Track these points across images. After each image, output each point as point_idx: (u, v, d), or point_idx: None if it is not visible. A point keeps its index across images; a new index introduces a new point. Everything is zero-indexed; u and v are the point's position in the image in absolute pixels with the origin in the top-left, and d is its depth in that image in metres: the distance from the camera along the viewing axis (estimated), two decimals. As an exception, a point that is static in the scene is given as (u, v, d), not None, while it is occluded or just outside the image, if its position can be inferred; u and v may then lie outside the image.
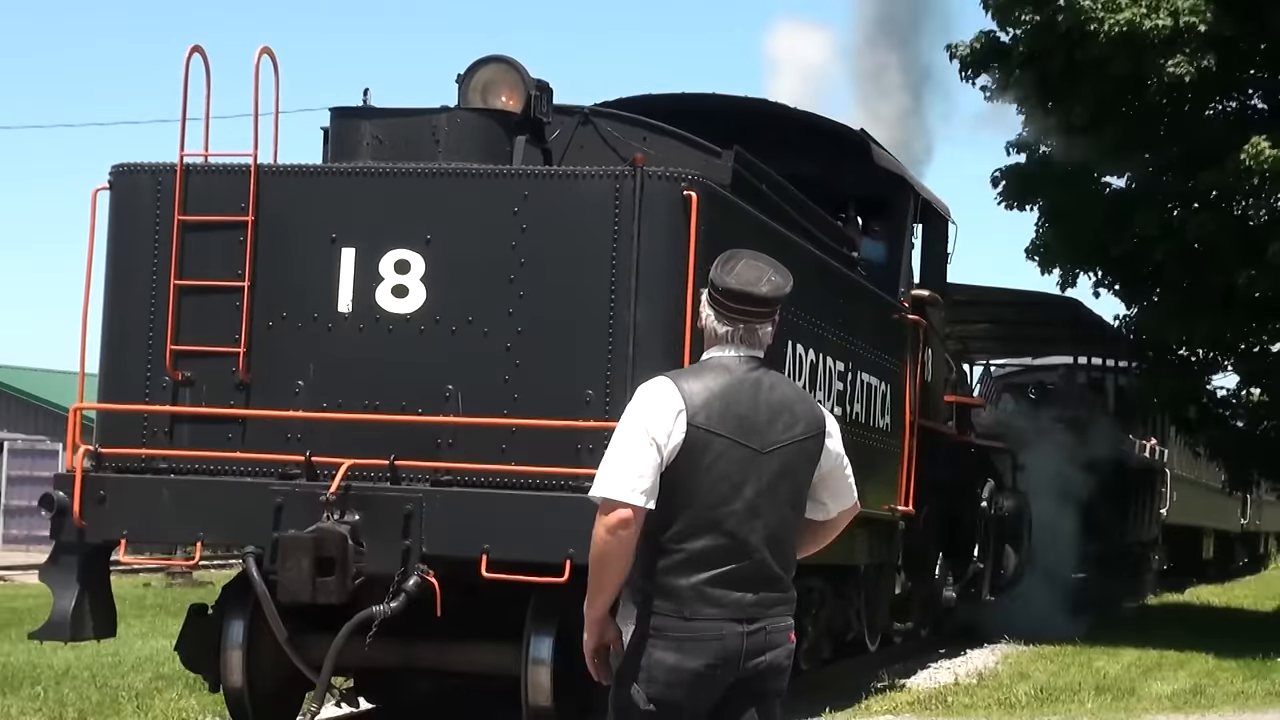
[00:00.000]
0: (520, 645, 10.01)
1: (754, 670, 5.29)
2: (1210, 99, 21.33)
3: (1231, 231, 20.18)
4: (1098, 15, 18.87)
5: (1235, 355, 23.11)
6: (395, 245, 10.13)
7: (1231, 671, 17.23)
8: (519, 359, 9.98)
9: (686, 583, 5.25)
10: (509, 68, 11.33)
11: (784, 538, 5.34)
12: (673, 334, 9.81)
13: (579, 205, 10.04)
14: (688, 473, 5.22)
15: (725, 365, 5.36)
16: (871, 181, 15.99)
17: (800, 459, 5.37)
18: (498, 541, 9.67)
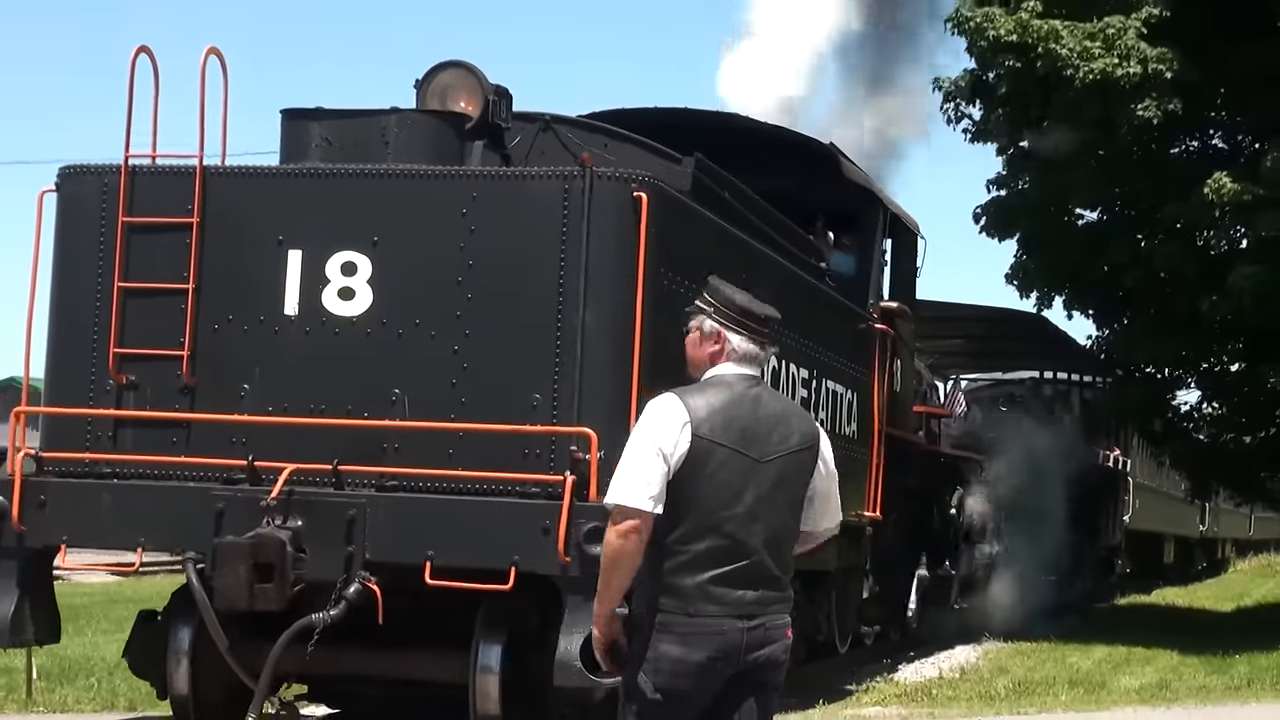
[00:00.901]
0: (469, 653, 9.16)
1: (753, 664, 5.37)
2: (1176, 139, 21.73)
3: (1195, 260, 20.53)
4: (1074, 63, 19.18)
5: (1198, 374, 23.52)
6: (342, 247, 9.30)
7: (1194, 667, 17.24)
8: (466, 362, 9.14)
9: (691, 582, 5.30)
10: (467, 72, 10.51)
11: (783, 540, 5.44)
12: (622, 338, 8.98)
13: (528, 206, 9.21)
14: (692, 480, 5.29)
15: (727, 382, 5.49)
16: (841, 195, 15.16)
17: (795, 469, 5.47)
18: (442, 548, 8.82)
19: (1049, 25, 19.47)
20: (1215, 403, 24.25)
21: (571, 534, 8.63)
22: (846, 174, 14.98)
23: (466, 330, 9.14)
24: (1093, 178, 21.33)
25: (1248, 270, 19.36)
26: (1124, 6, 19.75)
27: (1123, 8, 19.75)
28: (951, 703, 13.85)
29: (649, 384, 9.18)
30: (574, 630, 8.70)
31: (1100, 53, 19.20)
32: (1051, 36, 19.37)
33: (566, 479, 8.70)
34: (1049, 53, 19.28)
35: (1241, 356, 22.58)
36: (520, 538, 8.72)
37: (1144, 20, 19.42)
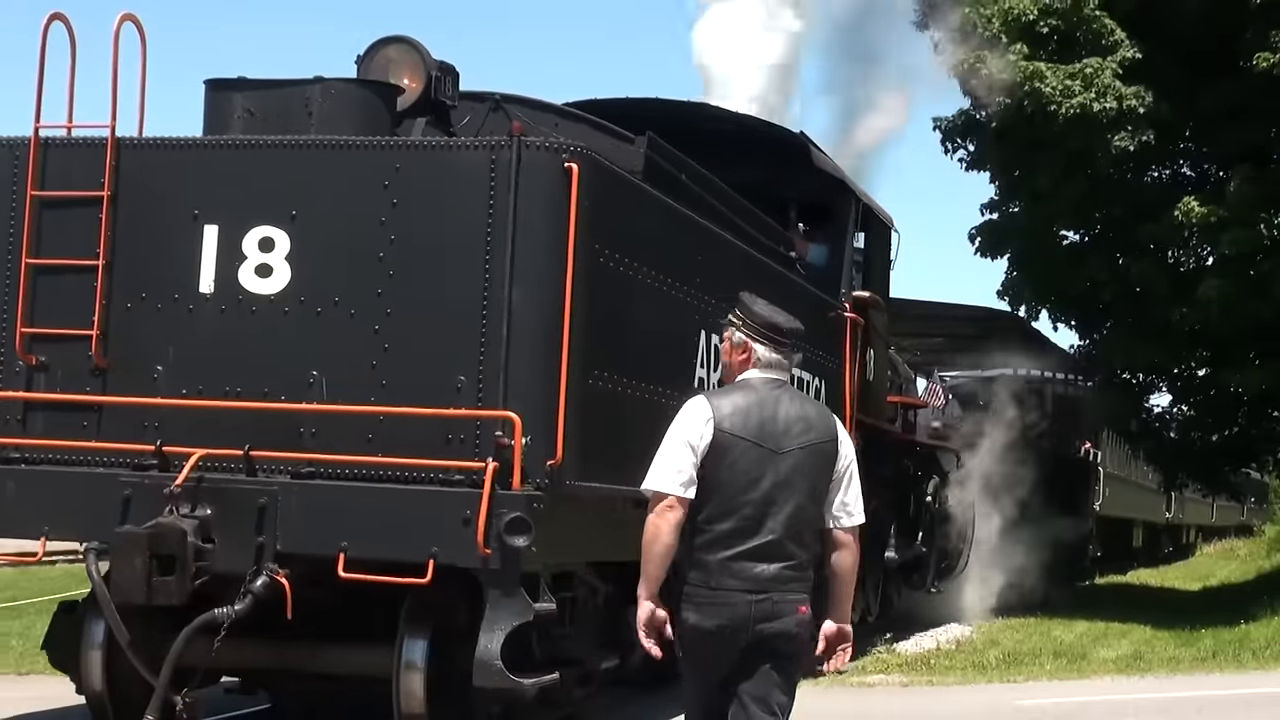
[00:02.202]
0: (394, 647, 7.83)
1: (764, 634, 5.36)
2: (1149, 167, 22.02)
3: (1167, 276, 20.89)
4: (1057, 100, 19.46)
5: (1169, 378, 23.82)
6: (259, 222, 7.95)
7: (1165, 640, 17.35)
8: (387, 343, 7.79)
9: (714, 558, 5.39)
10: (409, 48, 9.18)
11: (799, 523, 5.44)
12: (552, 316, 7.64)
13: (453, 178, 7.84)
14: (715, 468, 5.40)
15: (752, 385, 5.59)
16: (812, 185, 13.77)
17: (813, 460, 5.51)
18: (357, 539, 7.49)
19: (1034, 66, 19.69)
20: (1184, 405, 24.65)
21: (493, 525, 7.30)
22: (817, 163, 13.59)
23: (388, 309, 7.80)
24: (1075, 203, 21.51)
25: (1214, 283, 19.64)
26: (1101, 49, 20.00)
27: (1100, 50, 19.99)
28: (948, 672, 13.81)
29: (584, 366, 7.86)
30: (495, 627, 7.37)
31: (1080, 90, 19.47)
32: (1036, 76, 19.63)
33: (488, 466, 7.37)
34: (1035, 90, 19.56)
35: (1207, 363, 22.82)
36: (439, 528, 7.39)
37: (1119, 61, 19.74)
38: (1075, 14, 20.00)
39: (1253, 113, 19.93)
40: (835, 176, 14.10)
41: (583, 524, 8.24)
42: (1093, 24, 20.01)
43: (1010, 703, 11.95)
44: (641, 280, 8.63)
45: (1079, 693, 12.63)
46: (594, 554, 8.64)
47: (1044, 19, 20.10)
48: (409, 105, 8.97)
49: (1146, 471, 33.40)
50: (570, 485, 7.74)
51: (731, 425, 5.43)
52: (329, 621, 8.12)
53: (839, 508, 5.54)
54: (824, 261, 14.32)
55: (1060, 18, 20.09)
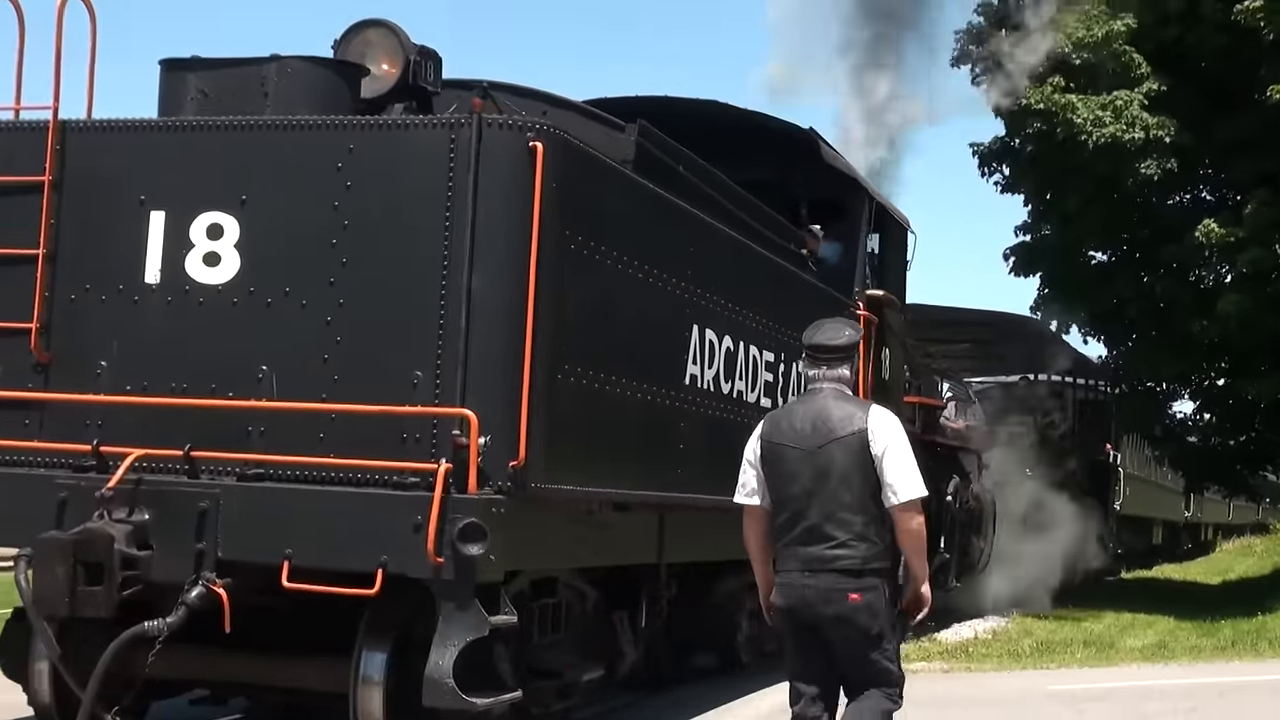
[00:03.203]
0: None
1: (825, 617, 5.63)
2: (1172, 192, 22.04)
3: (1189, 292, 21.00)
4: (1088, 130, 19.62)
5: (1191, 387, 23.91)
6: (207, 208, 6.87)
7: (1188, 630, 17.25)
8: (340, 335, 6.70)
9: (779, 545, 5.83)
10: (387, 31, 8.06)
11: (836, 506, 5.67)
12: (514, 305, 6.52)
13: (410, 158, 6.73)
14: (769, 472, 5.86)
15: (803, 396, 6.03)
16: (825, 183, 12.60)
17: (843, 452, 5.70)
18: (302, 546, 6.40)
19: (1067, 98, 19.91)
20: (1205, 412, 24.72)
21: (445, 531, 6.20)
22: (827, 159, 12.43)
23: (340, 299, 6.70)
24: (1103, 225, 21.66)
25: (1233, 299, 19.74)
26: (1129, 82, 20.16)
27: (1128, 83, 20.15)
28: (985, 659, 13.72)
29: (552, 359, 6.74)
30: (447, 643, 6.27)
31: (1110, 120, 19.66)
32: (1069, 108, 19.84)
33: (440, 468, 6.26)
34: (1068, 120, 19.76)
35: (1226, 373, 22.85)
36: (389, 536, 6.29)
37: (1145, 94, 19.93)
38: (1105, 48, 20.26)
39: (1267, 142, 20.02)
40: (846, 174, 12.93)
41: (554, 529, 7.14)
42: (1121, 58, 20.24)
43: (1043, 688, 11.74)
44: (623, 270, 7.52)
45: (1107, 679, 12.48)
46: (569, 560, 7.54)
47: (1077, 52, 20.36)
48: (386, 91, 7.88)
49: (1165, 472, 33.06)
50: (536, 488, 6.63)
51: (771, 434, 5.89)
52: (288, 630, 7.04)
53: (887, 489, 5.73)
54: (837, 260, 13.16)
55: (1091, 51, 20.31)
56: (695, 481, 8.67)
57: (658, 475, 8.16)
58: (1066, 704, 10.77)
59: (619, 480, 7.61)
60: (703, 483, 8.84)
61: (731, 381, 9.12)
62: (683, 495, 8.52)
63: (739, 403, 9.28)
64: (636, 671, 9.63)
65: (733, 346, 9.12)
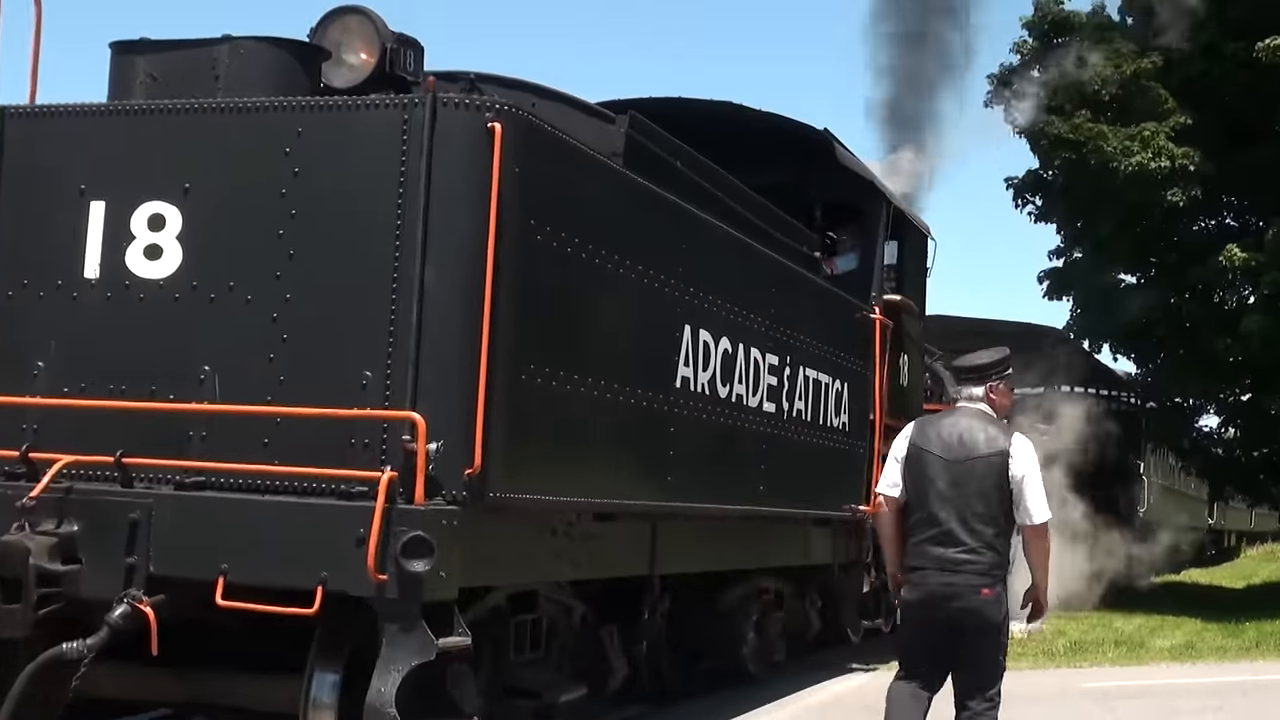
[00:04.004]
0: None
1: (955, 610, 5.88)
2: (1197, 218, 21.90)
3: (1214, 314, 20.92)
4: (1117, 159, 19.51)
5: (1216, 403, 23.75)
6: (149, 197, 5.99)
7: (1214, 632, 17.08)
8: (287, 333, 5.81)
9: (912, 542, 6.07)
10: (363, 19, 7.17)
11: (970, 515, 5.92)
12: (469, 299, 5.61)
13: (361, 142, 5.83)
14: (910, 473, 6.12)
15: (950, 410, 6.36)
16: (838, 183, 11.67)
17: (985, 469, 5.97)
18: (239, 561, 5.49)
19: (1097, 128, 19.90)
20: (1229, 426, 24.61)
21: (388, 546, 5.30)
22: (842, 161, 11.48)
23: (287, 294, 5.81)
24: (1131, 249, 21.63)
25: (1255, 319, 19.66)
26: (1155, 115, 20.00)
27: (1154, 115, 19.99)
28: (1021, 658, 13.25)
29: (515, 358, 5.82)
30: (390, 668, 5.35)
31: (1138, 150, 19.54)
32: (1099, 136, 19.78)
33: (383, 476, 5.36)
34: (1098, 149, 19.70)
35: (1250, 389, 22.65)
36: (330, 550, 5.38)
37: (1171, 126, 19.74)
38: (1133, 84, 20.25)
39: (1287, 173, 20.46)
40: (863, 176, 11.98)
41: (523, 541, 6.23)
42: (1148, 94, 20.19)
43: (1077, 685, 11.65)
44: (602, 266, 6.60)
45: (1138, 677, 12.43)
46: (544, 573, 6.61)
47: (1105, 88, 20.33)
48: (362, 80, 7.01)
49: (1189, 481, 32.17)
50: (497, 498, 5.72)
51: (918, 439, 6.15)
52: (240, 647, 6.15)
53: (1021, 511, 5.98)
54: (854, 264, 12.23)
55: (1120, 86, 20.31)
56: (690, 489, 7.74)
57: (646, 483, 7.22)
58: (1099, 701, 10.62)
59: (599, 489, 6.69)
60: (699, 490, 7.91)
61: (730, 385, 8.18)
62: (675, 504, 7.59)
63: (739, 407, 8.34)
64: (640, 684, 8.74)
65: (731, 349, 8.18)
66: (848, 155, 11.68)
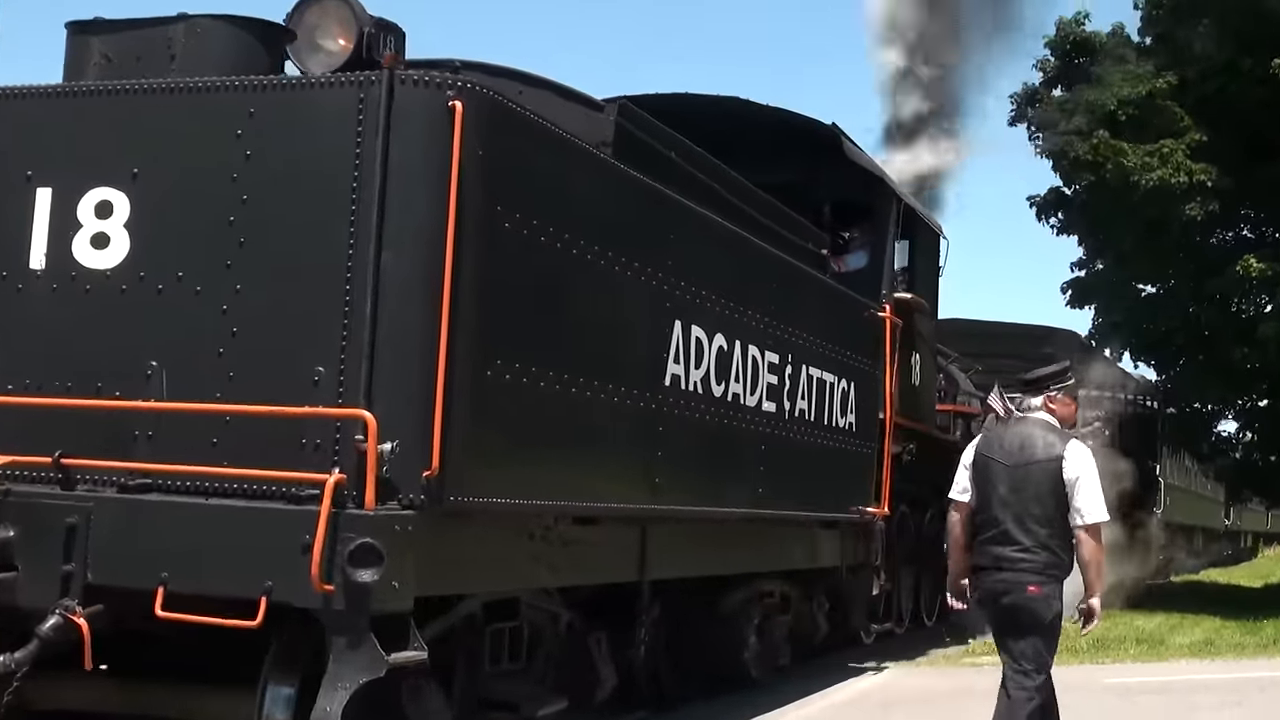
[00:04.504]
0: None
1: (1008, 605, 6.00)
2: (1215, 231, 21.70)
3: (1231, 322, 20.68)
4: (1137, 175, 19.32)
5: (1234, 409, 23.66)
6: (96, 183, 5.46)
7: (1233, 629, 16.87)
8: (237, 326, 5.25)
9: (979, 543, 6.15)
10: (340, 3, 6.61)
11: (1026, 517, 5.99)
12: (427, 290, 5.03)
13: (315, 122, 5.27)
14: (976, 479, 6.23)
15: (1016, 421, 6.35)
16: (846, 179, 11.06)
17: (1041, 474, 6.02)
18: (180, 569, 4.94)
19: (1117, 145, 19.61)
20: (1247, 430, 24.37)
21: (335, 553, 4.73)
22: (850, 156, 10.87)
23: (238, 285, 5.26)
24: (1151, 261, 21.41)
25: (1272, 327, 19.42)
26: (1174, 132, 19.75)
27: (1173, 133, 19.74)
28: None
29: (480, 353, 5.24)
30: (337, 685, 4.77)
31: (1157, 166, 19.30)
32: (1119, 154, 19.52)
33: (329, 479, 4.79)
34: (1118, 165, 19.45)
35: (1267, 395, 22.59)
36: (275, 557, 4.81)
37: (1189, 143, 19.54)
38: (1150, 104, 20.00)
39: (1303, 186, 20.46)
40: (872, 172, 11.36)
41: (493, 546, 5.64)
42: (1164, 113, 19.91)
43: (1100, 681, 11.40)
44: (580, 256, 6.00)
45: (1158, 673, 12.30)
46: (514, 581, 6.01)
47: (1122, 109, 20.05)
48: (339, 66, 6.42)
49: (1205, 482, 31.52)
50: (458, 501, 5.15)
51: (984, 448, 6.30)
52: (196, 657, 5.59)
53: (1073, 512, 6.01)
54: (864, 262, 11.61)
55: (1137, 107, 20.03)
56: (683, 491, 7.14)
57: (633, 485, 6.63)
58: (1121, 695, 10.46)
59: (579, 491, 6.10)
60: (693, 492, 7.31)
61: (725, 384, 7.57)
62: (666, 507, 7.00)
63: (735, 406, 7.73)
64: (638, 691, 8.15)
65: (726, 346, 7.57)
66: (856, 150, 11.06)
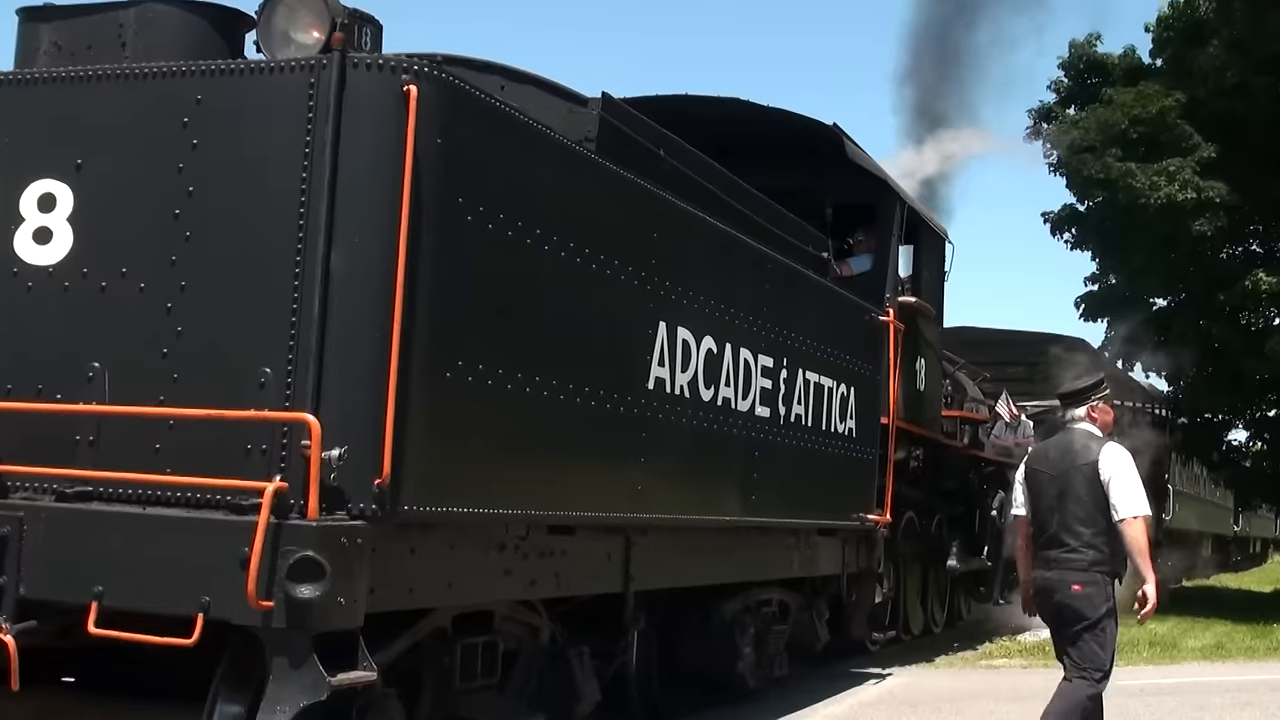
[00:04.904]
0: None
1: (1058, 603, 6.26)
2: (1224, 246, 21.67)
3: (1240, 335, 20.61)
4: (1147, 193, 19.36)
5: (1244, 419, 23.60)
6: (39, 174, 5.02)
7: (1244, 633, 16.84)
8: (182, 324, 4.79)
9: (1035, 549, 6.39)
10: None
11: (1071, 519, 6.24)
12: (381, 284, 4.57)
13: (265, 110, 4.81)
14: (1029, 490, 6.51)
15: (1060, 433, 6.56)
16: (849, 181, 10.58)
17: (1080, 478, 6.27)
18: (115, 584, 4.48)
19: (1127, 166, 19.73)
20: (1257, 440, 24.49)
21: (275, 567, 4.27)
22: (851, 157, 10.38)
23: (183, 282, 4.80)
24: (1162, 276, 21.45)
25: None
26: (1183, 150, 19.81)
27: (1181, 151, 19.79)
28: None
29: (437, 354, 4.77)
30: (275, 708, 4.31)
31: (1165, 184, 19.36)
32: (1129, 174, 19.61)
33: (269, 487, 4.34)
34: (1128, 185, 19.55)
35: (1275, 405, 22.66)
36: (213, 572, 4.36)
37: (1198, 160, 19.60)
38: (1160, 122, 19.97)
39: (1311, 202, 20.23)
40: (874, 174, 10.87)
41: (457, 558, 5.17)
42: (1174, 130, 19.94)
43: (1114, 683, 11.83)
44: (554, 253, 5.53)
45: (1171, 675, 12.35)
46: (484, 594, 5.53)
47: (1134, 127, 20.07)
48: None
49: (1214, 489, 31.12)
50: (414, 511, 4.68)
51: (1033, 460, 6.56)
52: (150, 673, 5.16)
53: (1113, 507, 6.19)
54: (867, 265, 11.12)
55: (1148, 125, 20.02)
56: (669, 499, 6.67)
57: (613, 493, 6.16)
58: (1135, 696, 10.28)
59: (552, 500, 5.63)
60: (681, 500, 6.84)
61: (715, 388, 7.09)
62: (651, 516, 6.53)
63: (726, 411, 7.25)
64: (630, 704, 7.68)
65: (716, 348, 7.09)
66: (858, 152, 10.57)
